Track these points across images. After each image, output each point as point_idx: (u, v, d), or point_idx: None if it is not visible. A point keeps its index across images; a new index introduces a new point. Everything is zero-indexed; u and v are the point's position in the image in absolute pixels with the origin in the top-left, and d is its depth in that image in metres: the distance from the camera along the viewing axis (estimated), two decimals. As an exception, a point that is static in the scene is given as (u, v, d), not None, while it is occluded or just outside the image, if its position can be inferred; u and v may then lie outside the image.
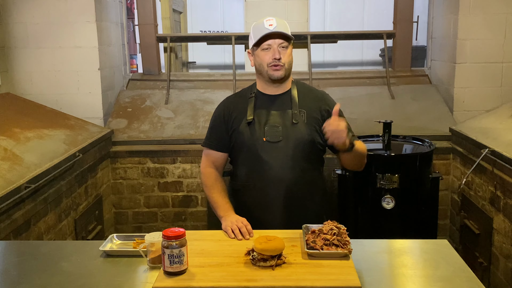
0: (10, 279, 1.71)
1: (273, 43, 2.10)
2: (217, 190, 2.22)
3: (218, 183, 2.25)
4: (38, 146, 3.01)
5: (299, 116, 2.15)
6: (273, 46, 2.11)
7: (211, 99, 4.23)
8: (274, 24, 2.09)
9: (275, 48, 2.10)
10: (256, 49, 2.15)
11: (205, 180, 2.27)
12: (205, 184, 2.27)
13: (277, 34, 2.09)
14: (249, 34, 2.19)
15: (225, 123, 2.24)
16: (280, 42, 2.10)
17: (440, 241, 1.97)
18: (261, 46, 2.12)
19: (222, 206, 2.16)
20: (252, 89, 2.26)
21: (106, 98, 4.11)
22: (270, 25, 2.09)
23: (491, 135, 3.25)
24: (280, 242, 1.69)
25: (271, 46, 2.11)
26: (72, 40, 3.90)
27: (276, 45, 2.10)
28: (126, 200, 3.90)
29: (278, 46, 2.10)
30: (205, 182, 2.27)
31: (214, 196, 2.21)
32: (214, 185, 2.24)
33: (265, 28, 2.09)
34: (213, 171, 2.28)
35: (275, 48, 2.10)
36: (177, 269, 1.61)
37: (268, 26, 2.09)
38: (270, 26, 2.09)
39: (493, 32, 3.87)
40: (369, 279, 1.62)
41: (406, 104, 4.12)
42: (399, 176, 3.09)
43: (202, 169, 2.31)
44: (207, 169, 2.29)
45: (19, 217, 2.47)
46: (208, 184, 2.25)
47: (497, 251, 3.00)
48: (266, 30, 2.09)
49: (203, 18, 7.91)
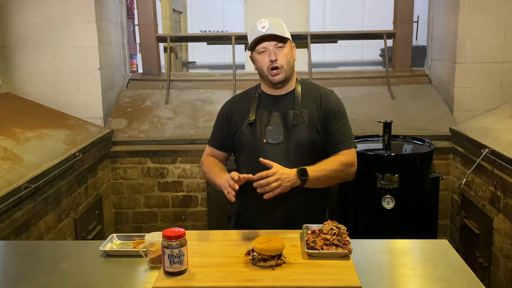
0: (10, 279, 1.71)
1: (268, 45, 2.09)
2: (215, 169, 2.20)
3: (216, 163, 2.25)
4: (38, 146, 3.01)
5: (300, 117, 2.13)
6: (269, 48, 2.09)
7: (211, 99, 4.23)
8: (267, 26, 2.07)
9: (271, 50, 2.08)
10: (254, 53, 2.15)
11: (205, 166, 2.26)
12: (205, 170, 2.26)
13: (271, 36, 2.07)
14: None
15: (228, 123, 2.24)
16: (275, 43, 2.09)
17: (440, 241, 1.97)
18: (257, 49, 2.11)
19: (218, 177, 2.13)
20: (257, 89, 2.25)
21: (106, 98, 4.11)
22: (263, 27, 2.07)
23: (491, 135, 3.25)
24: (280, 242, 1.68)
25: (267, 48, 2.09)
26: (72, 40, 3.90)
27: (271, 46, 2.08)
28: (126, 200, 3.90)
29: (274, 47, 2.09)
30: (205, 168, 2.25)
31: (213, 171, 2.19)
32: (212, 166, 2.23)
33: (258, 31, 2.07)
34: (212, 158, 2.28)
35: (271, 50, 2.08)
36: (177, 269, 1.61)
37: (261, 28, 2.07)
38: (262, 29, 2.07)
39: (493, 32, 3.87)
40: (369, 279, 1.62)
41: (406, 104, 4.12)
42: (399, 176, 3.09)
43: (203, 159, 2.31)
44: (206, 157, 2.30)
45: (19, 217, 2.47)
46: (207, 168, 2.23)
47: (497, 251, 3.00)
48: (259, 33, 2.07)
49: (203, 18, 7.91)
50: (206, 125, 3.94)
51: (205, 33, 7.28)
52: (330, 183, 2.16)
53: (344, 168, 2.10)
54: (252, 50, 2.16)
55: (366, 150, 3.26)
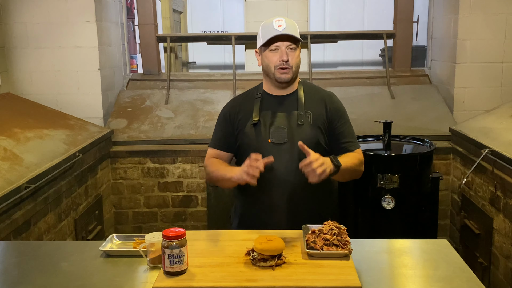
0: (10, 279, 1.71)
1: (282, 44, 2.07)
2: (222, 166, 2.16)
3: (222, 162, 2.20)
4: (38, 146, 3.01)
5: (304, 118, 2.13)
6: (281, 48, 2.07)
7: (211, 99, 4.23)
8: (284, 25, 2.05)
9: (283, 50, 2.07)
10: (264, 49, 2.11)
11: (209, 167, 2.20)
12: (208, 171, 2.20)
13: (286, 36, 2.06)
14: (258, 33, 2.14)
15: (231, 123, 2.22)
16: (289, 44, 2.07)
17: (440, 241, 1.96)
18: (269, 47, 2.09)
19: (228, 171, 2.08)
20: (258, 89, 2.24)
21: (106, 98, 4.11)
22: (280, 26, 2.05)
23: (491, 135, 3.25)
24: (280, 242, 1.68)
25: (279, 47, 2.07)
26: (72, 40, 3.90)
27: (284, 46, 2.07)
28: (126, 200, 3.90)
29: (286, 47, 2.07)
30: (210, 168, 2.19)
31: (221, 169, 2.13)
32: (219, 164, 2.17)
33: (274, 29, 2.05)
34: (217, 159, 2.23)
35: (283, 49, 2.07)
36: (177, 269, 1.61)
37: (278, 27, 2.05)
38: (279, 27, 2.05)
39: (493, 32, 3.87)
40: (369, 279, 1.62)
41: (406, 104, 4.12)
42: (399, 176, 3.09)
43: (206, 162, 2.25)
44: (209, 159, 2.24)
45: (19, 217, 2.47)
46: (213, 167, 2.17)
47: (497, 251, 3.00)
48: (275, 31, 2.05)
49: (203, 18, 7.91)
50: (206, 125, 3.94)
51: (205, 33, 7.28)
52: (348, 178, 2.17)
53: (360, 166, 2.16)
54: (263, 46, 2.11)
55: (366, 150, 3.25)
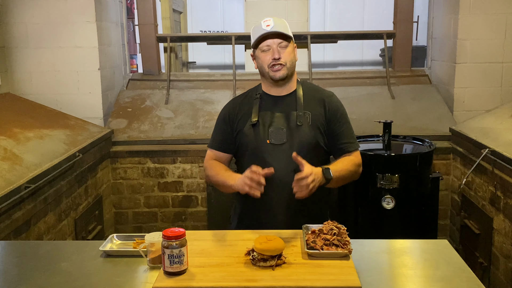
0: (10, 279, 1.70)
1: (272, 43, 2.09)
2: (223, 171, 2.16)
3: (222, 166, 2.20)
4: (38, 146, 3.01)
5: (303, 118, 2.13)
6: (272, 46, 2.09)
7: (211, 99, 4.23)
8: (272, 24, 2.08)
9: (274, 48, 2.09)
10: (256, 51, 2.14)
11: (209, 170, 2.21)
12: (208, 174, 2.21)
13: (275, 34, 2.08)
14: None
15: (230, 124, 2.22)
16: (279, 42, 2.09)
17: (440, 241, 1.96)
18: (260, 47, 2.11)
19: (228, 177, 2.09)
20: (257, 90, 2.24)
21: (106, 98, 4.11)
22: (268, 25, 2.08)
23: (491, 135, 3.25)
24: (280, 242, 1.68)
25: (270, 46, 2.09)
26: (72, 40, 3.90)
27: (275, 45, 2.09)
28: (126, 200, 3.90)
29: (277, 45, 2.09)
30: (210, 172, 2.20)
31: (221, 174, 2.14)
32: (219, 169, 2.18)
33: (263, 29, 2.08)
34: (216, 161, 2.23)
35: (274, 48, 2.09)
36: (177, 269, 1.61)
37: (266, 26, 2.08)
38: (267, 27, 2.08)
39: (493, 32, 3.87)
40: (369, 279, 1.62)
41: (406, 104, 4.13)
42: (399, 176, 3.09)
43: (205, 163, 2.26)
44: (209, 161, 2.25)
45: (19, 217, 2.47)
46: (213, 171, 2.18)
47: (497, 251, 3.00)
48: (263, 31, 2.08)
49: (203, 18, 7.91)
50: (206, 125, 3.94)
51: (205, 33, 7.28)
52: (343, 183, 2.17)
53: (356, 169, 2.15)
54: (255, 48, 2.14)
55: (366, 150, 3.26)
